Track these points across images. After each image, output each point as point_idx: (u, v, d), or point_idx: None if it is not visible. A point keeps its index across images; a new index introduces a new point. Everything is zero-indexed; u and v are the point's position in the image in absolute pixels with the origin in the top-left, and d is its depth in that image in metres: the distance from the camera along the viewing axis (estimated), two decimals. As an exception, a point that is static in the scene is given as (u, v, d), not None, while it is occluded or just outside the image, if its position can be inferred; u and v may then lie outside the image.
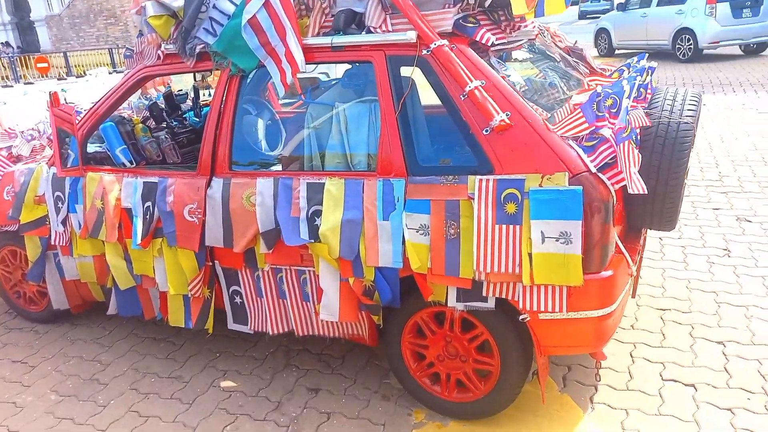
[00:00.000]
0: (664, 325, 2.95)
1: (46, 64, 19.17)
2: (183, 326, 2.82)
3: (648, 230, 2.70)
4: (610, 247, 2.03)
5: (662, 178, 2.22)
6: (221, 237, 2.56)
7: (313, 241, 2.34)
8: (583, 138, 2.04)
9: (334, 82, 2.97)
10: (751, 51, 11.25)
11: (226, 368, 2.92)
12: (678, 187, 2.25)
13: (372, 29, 2.26)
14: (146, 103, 3.80)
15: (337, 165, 2.52)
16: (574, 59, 2.93)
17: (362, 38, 2.28)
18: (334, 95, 2.68)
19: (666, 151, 2.22)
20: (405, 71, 2.26)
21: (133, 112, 4.08)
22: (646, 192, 2.00)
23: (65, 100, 3.46)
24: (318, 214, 2.32)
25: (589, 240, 1.97)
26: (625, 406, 2.43)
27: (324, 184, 2.32)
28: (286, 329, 2.63)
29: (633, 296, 2.64)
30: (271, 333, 2.64)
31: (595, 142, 2.02)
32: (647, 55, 2.86)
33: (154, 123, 3.58)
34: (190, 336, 3.20)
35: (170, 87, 4.47)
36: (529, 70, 2.60)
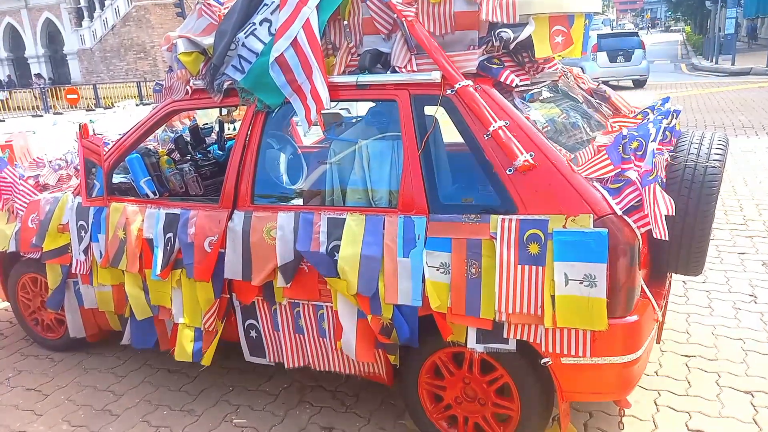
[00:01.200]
0: (690, 372, 2.86)
1: (75, 96, 19.77)
2: (189, 360, 2.77)
3: (673, 274, 2.64)
4: (635, 291, 1.99)
5: (689, 222, 2.18)
6: (240, 270, 2.56)
7: (333, 276, 2.32)
8: (608, 180, 2.03)
9: (356, 120, 2.99)
10: (637, 84, 15.94)
11: (238, 403, 2.88)
12: (705, 231, 2.21)
13: (397, 69, 2.29)
14: (172, 135, 3.87)
15: (358, 201, 2.52)
16: (597, 101, 2.93)
17: (387, 77, 2.31)
18: (358, 132, 2.71)
19: (693, 195, 2.19)
20: (429, 110, 2.28)
21: (158, 144, 4.16)
22: (667, 239, 1.97)
23: (93, 130, 3.53)
24: (338, 249, 2.31)
25: (614, 283, 1.93)
26: (650, 457, 2.34)
27: (345, 219, 2.32)
28: (302, 364, 2.60)
29: (658, 342, 2.57)
30: (286, 367, 2.61)
31: (620, 184, 2.00)
32: (671, 98, 2.85)
33: (179, 155, 3.64)
34: (205, 369, 3.17)
35: (196, 120, 4.57)
36: (552, 110, 2.60)
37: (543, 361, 2.07)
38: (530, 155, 2.03)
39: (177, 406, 2.90)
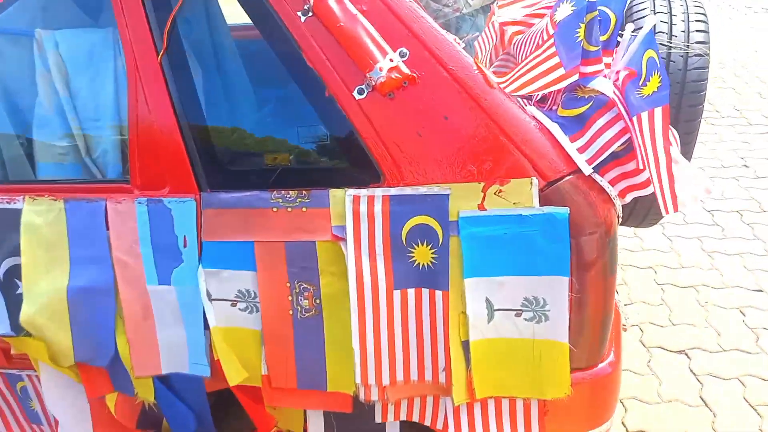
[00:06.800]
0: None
1: None
2: None
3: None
4: (610, 318, 1.06)
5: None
6: None
7: (15, 334, 1.11)
8: (560, 100, 1.00)
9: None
10: None
11: None
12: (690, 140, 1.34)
13: None
14: None
15: (59, 159, 1.24)
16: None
17: None
18: (35, 13, 1.31)
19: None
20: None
21: None
22: (676, 211, 1.03)
23: None
24: (18, 274, 1.09)
25: (582, 311, 0.98)
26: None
27: (21, 210, 1.07)
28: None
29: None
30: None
31: (585, 107, 0.98)
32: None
33: None
34: None
35: None
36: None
37: (450, 454, 1.12)
38: (400, 54, 0.92)
39: None
